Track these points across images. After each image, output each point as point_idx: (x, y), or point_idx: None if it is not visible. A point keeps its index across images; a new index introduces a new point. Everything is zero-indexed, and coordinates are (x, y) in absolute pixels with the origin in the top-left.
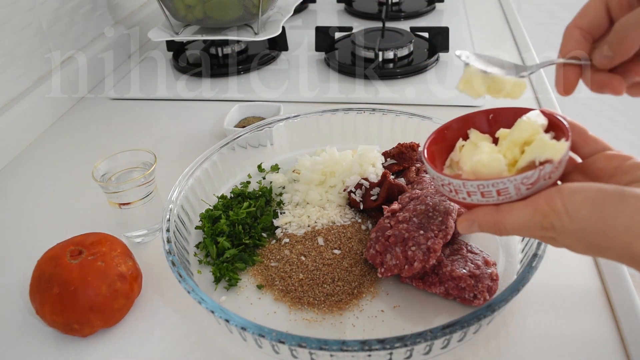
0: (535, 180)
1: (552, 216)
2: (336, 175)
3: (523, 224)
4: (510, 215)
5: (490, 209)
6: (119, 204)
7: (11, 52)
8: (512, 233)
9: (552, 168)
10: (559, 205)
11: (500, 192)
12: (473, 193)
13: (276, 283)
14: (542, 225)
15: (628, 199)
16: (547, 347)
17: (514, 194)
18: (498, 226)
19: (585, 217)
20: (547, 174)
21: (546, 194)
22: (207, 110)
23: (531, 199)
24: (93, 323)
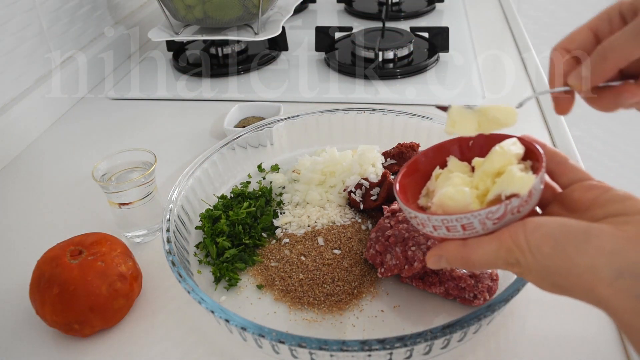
0: (502, 215)
1: (516, 252)
2: (336, 175)
3: (490, 259)
4: (476, 250)
5: (458, 243)
6: (119, 204)
7: (11, 52)
8: (480, 267)
9: (519, 202)
10: (521, 241)
11: (465, 227)
12: (438, 227)
13: (276, 283)
14: (507, 260)
15: (592, 238)
16: (547, 347)
17: (480, 229)
18: (466, 261)
19: (547, 255)
20: (515, 208)
21: (511, 229)
22: (207, 110)
23: (497, 234)
24: (93, 323)
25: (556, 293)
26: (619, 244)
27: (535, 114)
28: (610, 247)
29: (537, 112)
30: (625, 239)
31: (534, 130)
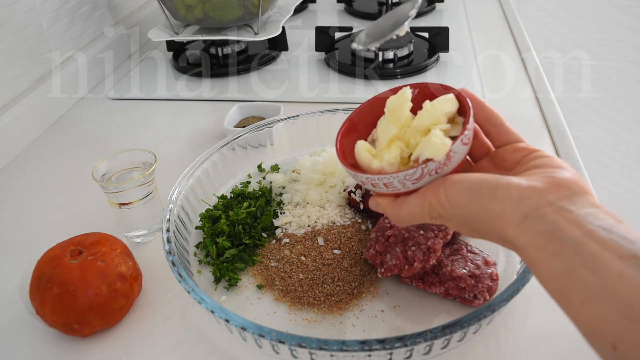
0: (419, 177)
1: (437, 206)
2: (336, 175)
3: (415, 213)
4: (404, 206)
5: (391, 199)
6: (119, 204)
7: (11, 52)
8: (408, 222)
9: (436, 165)
10: (442, 196)
11: (387, 185)
12: (364, 183)
13: (276, 283)
14: (431, 214)
15: (500, 188)
16: (547, 347)
17: (401, 187)
18: (396, 215)
19: (464, 206)
20: (432, 170)
21: (433, 186)
22: (207, 110)
23: (421, 191)
24: (93, 323)
25: (475, 237)
26: (524, 192)
27: (536, 115)
28: (516, 194)
29: (537, 113)
30: (529, 188)
31: (534, 130)
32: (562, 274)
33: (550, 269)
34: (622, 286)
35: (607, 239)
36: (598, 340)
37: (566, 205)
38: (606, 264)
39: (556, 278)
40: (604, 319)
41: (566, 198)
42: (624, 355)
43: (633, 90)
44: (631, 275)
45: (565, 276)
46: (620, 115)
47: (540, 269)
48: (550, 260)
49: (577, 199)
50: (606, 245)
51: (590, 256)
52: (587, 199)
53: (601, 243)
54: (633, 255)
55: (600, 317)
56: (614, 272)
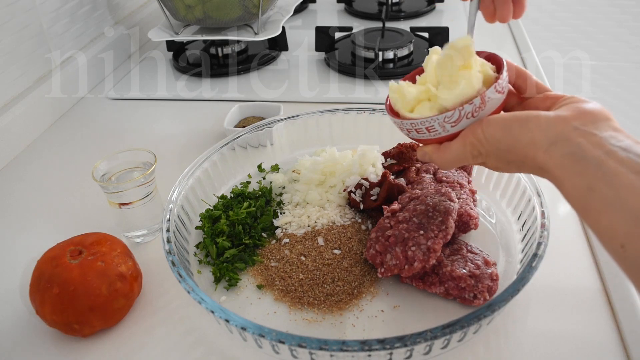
0: (458, 119)
1: (477, 144)
2: (336, 175)
3: (459, 155)
4: (447, 150)
5: (435, 146)
6: (119, 204)
7: (11, 52)
8: (452, 164)
9: (472, 108)
10: (480, 135)
11: (429, 129)
12: (410, 130)
13: (276, 283)
14: (472, 153)
15: (531, 119)
16: (547, 347)
17: (441, 131)
18: (441, 159)
19: (499, 139)
20: (469, 112)
21: (472, 127)
22: (207, 110)
23: (462, 134)
24: (93, 323)
25: (513, 170)
26: (551, 121)
27: None
28: (545, 123)
29: None
30: (556, 117)
31: None
32: (585, 189)
33: (574, 186)
34: (633, 196)
35: (625, 157)
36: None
37: (590, 129)
38: (622, 178)
39: (579, 194)
40: (616, 224)
41: (590, 123)
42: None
43: (633, 90)
44: None
45: (587, 191)
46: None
47: (566, 186)
48: (575, 178)
49: (600, 124)
50: (623, 163)
51: (609, 172)
52: (609, 124)
53: (619, 161)
54: None
55: (613, 223)
56: (627, 184)
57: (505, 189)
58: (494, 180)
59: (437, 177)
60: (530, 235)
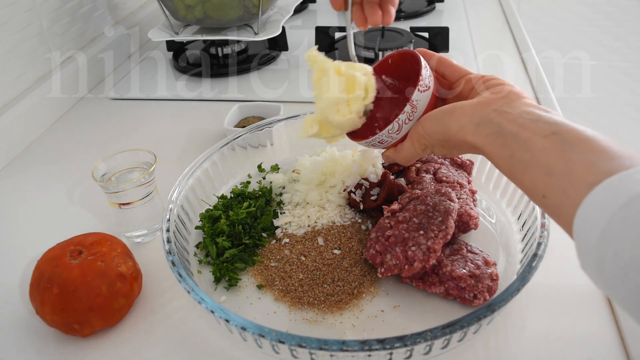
0: (399, 128)
1: (421, 140)
2: (336, 175)
3: (411, 151)
4: (402, 150)
5: (393, 149)
6: (119, 204)
7: (11, 52)
8: (410, 161)
9: (406, 116)
10: (421, 131)
11: (382, 142)
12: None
13: (276, 283)
14: (421, 147)
15: (456, 109)
16: (547, 347)
17: (391, 140)
18: (400, 159)
19: (435, 131)
20: (405, 119)
21: (414, 128)
22: (207, 110)
23: (409, 135)
24: (93, 323)
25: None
26: (474, 107)
27: None
28: (469, 111)
29: None
30: (478, 103)
31: None
32: (508, 157)
33: (500, 156)
34: (544, 154)
35: (535, 127)
36: (534, 195)
37: (506, 109)
38: (534, 142)
39: (505, 162)
40: (535, 179)
41: (506, 105)
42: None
43: (633, 90)
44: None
45: (510, 158)
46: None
47: (495, 158)
48: (500, 150)
49: (514, 103)
50: (534, 131)
51: (524, 140)
52: (522, 102)
53: (530, 130)
54: (552, 132)
55: (533, 178)
56: (539, 147)
57: (505, 189)
58: (494, 180)
59: (437, 177)
60: (530, 235)
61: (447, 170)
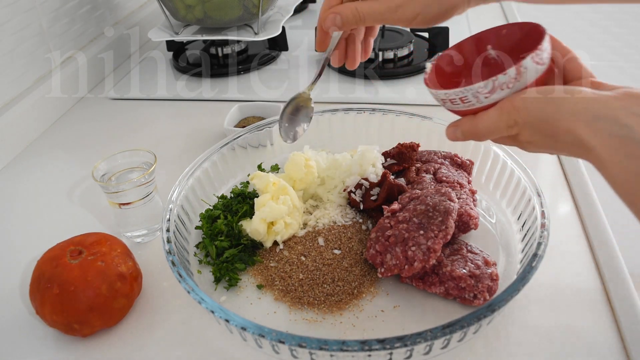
0: (491, 90)
1: (513, 113)
2: (335, 177)
3: (494, 123)
4: (483, 118)
5: (470, 117)
6: (119, 204)
7: (11, 52)
8: (486, 135)
9: (506, 79)
10: (518, 102)
11: (463, 100)
12: (444, 101)
13: (276, 283)
14: (508, 123)
15: (574, 91)
16: (547, 347)
17: (475, 102)
18: (474, 130)
19: (537, 108)
20: (503, 84)
21: (511, 97)
22: (207, 110)
23: (500, 103)
24: (93, 323)
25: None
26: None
27: None
28: (590, 96)
29: None
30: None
31: None
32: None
33: (624, 169)
34: None
35: None
36: None
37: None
38: None
39: (628, 179)
40: None
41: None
42: None
43: None
44: None
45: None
46: None
47: (612, 170)
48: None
49: None
50: None
51: None
52: None
53: None
54: None
55: None
56: None
57: (505, 189)
58: (494, 180)
59: (437, 177)
60: (530, 235)
61: (447, 170)
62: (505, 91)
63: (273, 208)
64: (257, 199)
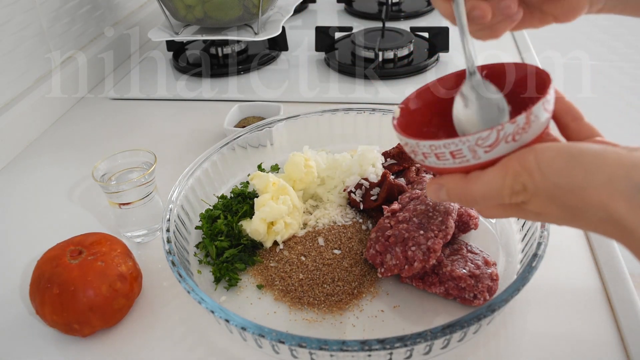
0: (494, 142)
1: (523, 175)
2: (335, 177)
3: (493, 189)
4: (479, 181)
5: (459, 176)
6: (119, 204)
7: (11, 52)
8: (481, 204)
9: (513, 129)
10: (531, 162)
11: (454, 154)
12: (428, 155)
13: (276, 283)
14: (514, 188)
15: (609, 153)
16: (547, 347)
17: (471, 157)
18: (466, 193)
19: (560, 171)
20: (508, 135)
21: (518, 154)
22: (207, 110)
23: (502, 161)
24: (93, 323)
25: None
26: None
27: None
28: (629, 161)
29: None
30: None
31: None
32: None
33: None
34: None
35: None
36: None
37: None
38: None
39: None
40: None
41: None
42: None
43: (633, 90)
44: None
45: None
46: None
47: None
48: None
49: None
50: None
51: None
52: None
53: None
54: None
55: None
56: None
57: None
58: None
59: None
60: (530, 235)
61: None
62: (510, 144)
63: (273, 208)
64: (257, 199)
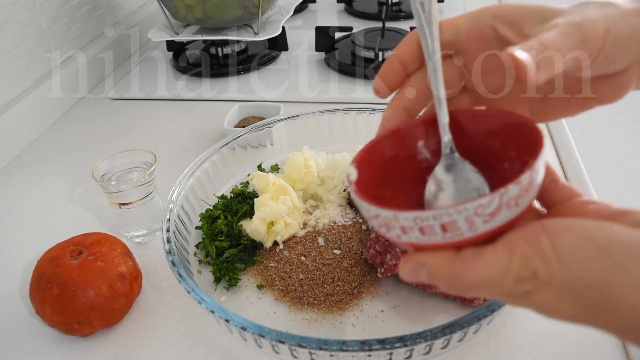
0: (496, 210)
1: (535, 261)
2: (336, 177)
3: (494, 274)
4: (475, 263)
5: (448, 253)
6: (119, 204)
7: (11, 52)
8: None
9: (518, 191)
10: (545, 245)
11: (446, 228)
12: (408, 229)
13: (276, 283)
14: (520, 274)
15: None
16: (547, 347)
17: (466, 230)
18: (458, 279)
19: (585, 262)
20: (512, 199)
21: (525, 232)
22: (207, 110)
23: (505, 239)
24: (93, 323)
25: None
26: None
27: None
28: None
29: None
30: None
31: None
32: None
33: None
34: None
35: None
36: None
37: None
38: None
39: None
40: None
41: None
42: None
43: None
44: None
45: None
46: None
47: None
48: None
49: None
50: None
51: None
52: None
53: None
54: None
55: None
56: None
57: None
58: None
59: None
60: None
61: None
62: (512, 210)
63: (273, 208)
64: (257, 199)
